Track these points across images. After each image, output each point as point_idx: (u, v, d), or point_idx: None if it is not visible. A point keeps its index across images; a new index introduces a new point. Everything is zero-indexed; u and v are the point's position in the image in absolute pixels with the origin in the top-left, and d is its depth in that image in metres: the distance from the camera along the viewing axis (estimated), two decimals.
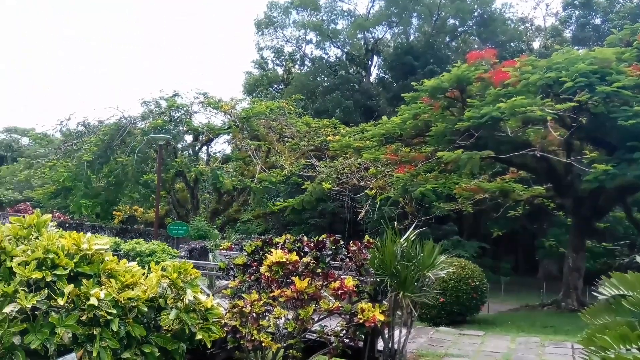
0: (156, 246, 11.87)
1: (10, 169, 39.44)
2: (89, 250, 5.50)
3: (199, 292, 5.77)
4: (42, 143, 32.74)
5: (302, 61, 47.51)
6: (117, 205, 29.51)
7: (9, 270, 5.11)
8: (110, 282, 5.36)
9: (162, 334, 5.45)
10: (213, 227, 23.94)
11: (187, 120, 27.56)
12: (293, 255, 6.05)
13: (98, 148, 25.17)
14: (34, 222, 5.86)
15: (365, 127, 23.34)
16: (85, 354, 4.87)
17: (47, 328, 4.81)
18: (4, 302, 4.85)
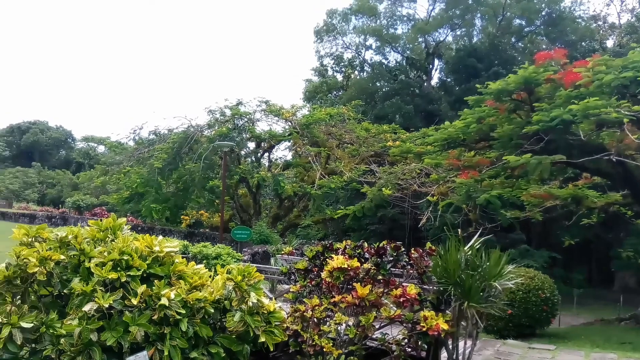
0: (221, 250, 12.26)
1: (87, 176, 42.29)
2: (160, 252, 5.78)
3: (262, 295, 5.90)
4: (116, 151, 34.92)
5: (362, 67, 47.51)
6: (185, 209, 30.81)
7: (88, 270, 5.47)
8: (179, 283, 5.60)
9: (227, 335, 5.61)
10: (274, 232, 24.41)
11: (250, 127, 28.34)
12: (354, 261, 6.05)
13: (168, 155, 26.44)
14: (110, 226, 6.25)
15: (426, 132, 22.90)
16: (156, 352, 5.11)
17: (121, 326, 5.10)
18: (83, 300, 5.19)
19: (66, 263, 5.61)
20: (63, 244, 5.80)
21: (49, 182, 67.47)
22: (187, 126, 28.27)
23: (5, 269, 5.51)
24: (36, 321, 5.19)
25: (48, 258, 5.47)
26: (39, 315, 5.31)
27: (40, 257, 5.45)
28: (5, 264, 5.59)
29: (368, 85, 41.58)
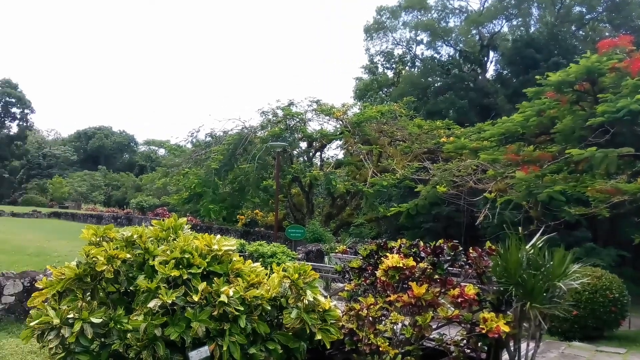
0: (277, 248, 12.45)
1: (150, 177, 44.14)
2: (218, 250, 5.95)
3: (318, 293, 5.94)
4: (175, 153, 36.29)
5: (413, 63, 46.71)
6: (240, 209, 31.53)
7: (152, 268, 5.72)
8: (237, 280, 5.74)
9: (284, 332, 5.70)
10: (327, 231, 24.48)
11: (302, 127, 28.58)
12: (410, 260, 5.97)
13: (223, 157, 27.17)
14: (172, 225, 6.50)
15: (482, 127, 22.24)
16: (216, 347, 5.27)
17: (183, 322, 5.29)
18: (148, 297, 5.43)
19: (132, 261, 5.90)
20: (128, 243, 6.10)
21: (114, 185, 71.11)
22: (241, 128, 28.93)
23: (76, 267, 5.86)
24: (105, 317, 5.49)
25: (115, 257, 5.77)
26: (108, 311, 5.62)
27: (108, 255, 5.76)
28: (76, 262, 5.96)
29: (420, 81, 40.80)
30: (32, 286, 8.01)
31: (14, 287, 8.35)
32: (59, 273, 5.87)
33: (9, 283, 8.32)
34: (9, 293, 8.29)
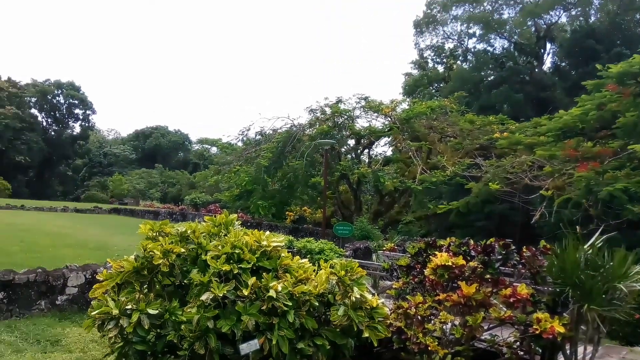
0: (324, 245, 12.51)
1: (203, 175, 45.46)
2: (267, 246, 6.07)
3: (365, 290, 5.94)
4: (227, 151, 37.25)
5: (465, 56, 45.54)
6: (289, 206, 31.91)
7: (204, 262, 5.91)
8: (286, 276, 5.83)
9: (332, 329, 5.74)
10: (375, 228, 24.33)
11: (350, 124, 28.55)
12: (459, 258, 5.85)
13: (273, 154, 27.59)
14: (223, 221, 6.69)
15: (538, 122, 21.39)
16: (266, 341, 5.39)
17: (234, 315, 5.44)
18: (201, 290, 5.62)
19: (186, 255, 6.12)
20: (183, 238, 6.33)
21: (169, 182, 73.78)
22: (290, 126, 29.27)
23: (134, 260, 6.15)
24: (161, 308, 5.73)
25: (170, 251, 6.01)
26: (163, 303, 5.86)
27: (164, 250, 6.01)
28: (134, 255, 6.25)
29: (472, 75, 39.71)
30: (93, 278, 8.46)
31: (77, 279, 8.86)
32: (118, 266, 6.18)
33: (72, 275, 8.84)
34: (73, 285, 8.81)
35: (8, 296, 7.93)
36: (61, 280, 8.66)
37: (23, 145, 69.92)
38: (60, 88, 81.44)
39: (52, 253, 13.62)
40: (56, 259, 12.10)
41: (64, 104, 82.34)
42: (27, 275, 8.29)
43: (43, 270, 8.68)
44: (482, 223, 28.62)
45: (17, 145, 69.17)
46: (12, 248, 13.82)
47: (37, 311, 8.23)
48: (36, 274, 8.42)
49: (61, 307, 8.55)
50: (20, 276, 8.18)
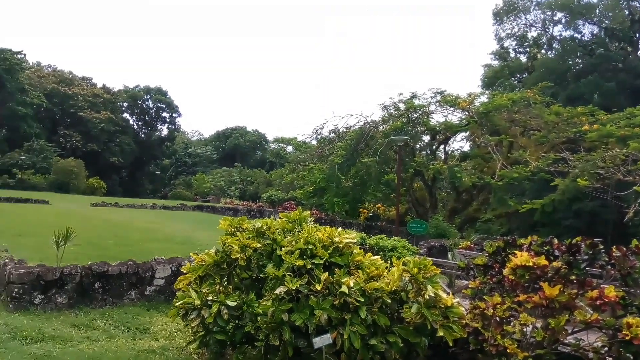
0: (397, 242, 12.37)
1: (279, 173, 46.64)
2: (340, 243, 6.13)
3: (439, 289, 5.81)
4: (302, 150, 37.93)
5: (550, 45, 42.82)
6: (362, 203, 31.89)
7: (279, 257, 6.09)
8: (358, 272, 5.86)
9: (405, 326, 5.67)
10: (451, 226, 23.64)
11: (425, 120, 27.93)
12: (541, 258, 5.53)
13: (346, 152, 27.70)
14: (297, 218, 6.85)
15: (632, 112, 19.70)
16: (338, 335, 5.45)
17: (307, 309, 5.55)
18: (276, 284, 5.80)
19: (262, 250, 6.34)
20: (259, 233, 6.57)
21: (248, 180, 76.49)
22: (363, 123, 29.21)
23: (215, 254, 6.47)
24: (239, 300, 5.99)
25: (247, 246, 6.26)
26: (241, 295, 6.12)
27: (241, 244, 6.27)
28: (214, 249, 6.58)
29: (557, 65, 37.25)
30: (178, 270, 8.99)
31: (163, 271, 9.46)
32: (200, 260, 6.54)
33: (159, 268, 9.45)
34: (160, 276, 9.42)
35: (102, 286, 8.65)
36: (150, 272, 9.29)
37: (116, 147, 75.72)
38: (149, 93, 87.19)
39: (141, 247, 14.66)
40: (145, 252, 13.02)
41: (152, 108, 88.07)
42: (119, 267, 8.99)
43: (134, 262, 9.36)
44: (570, 221, 26.81)
45: (111, 147, 75.04)
46: (107, 242, 15.04)
47: (127, 300, 8.90)
48: (127, 266, 9.11)
49: (149, 297, 9.18)
50: (114, 268, 8.88)
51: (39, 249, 11.92)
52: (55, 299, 8.06)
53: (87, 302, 8.38)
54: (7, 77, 62.73)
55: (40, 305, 7.86)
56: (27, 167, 58.94)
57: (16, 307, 7.62)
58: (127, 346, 6.70)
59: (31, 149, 62.21)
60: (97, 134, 72.94)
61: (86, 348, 6.38)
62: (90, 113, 73.04)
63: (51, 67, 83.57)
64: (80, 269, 8.47)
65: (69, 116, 73.92)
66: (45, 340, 6.42)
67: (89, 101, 74.65)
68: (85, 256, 11.16)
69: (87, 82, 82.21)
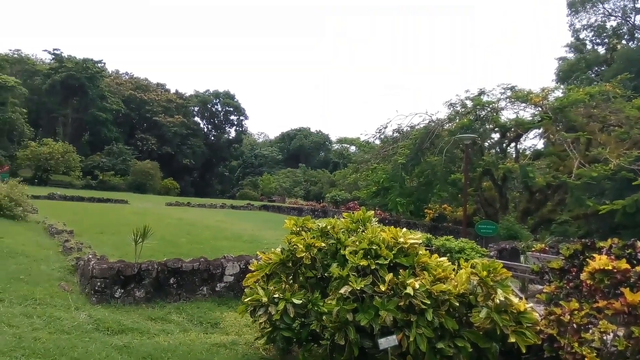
0: (465, 244, 12.02)
1: (342, 173, 46.81)
2: (404, 243, 6.05)
3: (511, 293, 5.58)
4: (365, 150, 37.80)
5: (631, 34, 39.85)
6: (427, 203, 31.27)
7: (343, 257, 6.11)
8: (423, 274, 5.75)
9: (474, 331, 5.50)
10: (524, 228, 22.59)
11: (494, 117, 26.92)
12: (622, 262, 5.18)
13: (410, 151, 27.28)
14: (361, 218, 6.85)
15: None
16: (404, 337, 5.38)
17: (372, 310, 5.53)
18: (340, 283, 5.82)
19: (326, 250, 6.40)
20: (323, 233, 6.63)
21: (311, 180, 77.37)
22: (428, 121, 28.63)
23: (280, 253, 6.61)
24: (304, 299, 6.08)
25: (312, 245, 6.35)
26: (306, 294, 6.21)
27: (306, 244, 6.37)
28: (280, 248, 6.73)
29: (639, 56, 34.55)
30: (246, 268, 9.25)
31: (233, 269, 9.79)
32: (266, 258, 6.71)
33: (229, 265, 9.79)
34: (229, 273, 9.75)
35: (177, 282, 9.10)
36: (220, 269, 9.65)
37: (188, 150, 79.27)
38: (218, 97, 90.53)
39: (212, 244, 15.24)
40: (215, 249, 13.54)
41: (221, 112, 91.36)
42: (192, 263, 9.42)
43: (205, 259, 9.76)
44: None
45: (183, 149, 78.68)
46: (180, 240, 15.78)
47: (200, 296, 9.30)
48: (199, 262, 9.51)
49: (219, 293, 9.53)
50: (187, 264, 9.32)
51: (118, 246, 12.74)
52: (134, 293, 8.58)
53: (163, 297, 8.85)
54: (89, 85, 67.54)
55: (120, 299, 8.39)
56: (108, 169, 63.16)
57: (99, 300, 8.19)
58: (199, 340, 7.01)
59: (111, 152, 66.62)
60: (171, 137, 76.73)
61: (162, 340, 6.74)
62: (165, 117, 76.99)
63: (128, 75, 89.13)
64: (157, 264, 8.95)
65: (145, 121, 78.36)
66: (125, 332, 6.84)
67: (163, 106, 78.74)
68: (160, 253, 11.78)
69: (162, 88, 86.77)
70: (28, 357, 5.20)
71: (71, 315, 7.09)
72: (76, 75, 65.48)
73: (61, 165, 53.73)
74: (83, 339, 6.15)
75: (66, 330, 6.40)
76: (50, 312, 7.06)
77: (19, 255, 10.64)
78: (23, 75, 65.70)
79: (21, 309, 7.03)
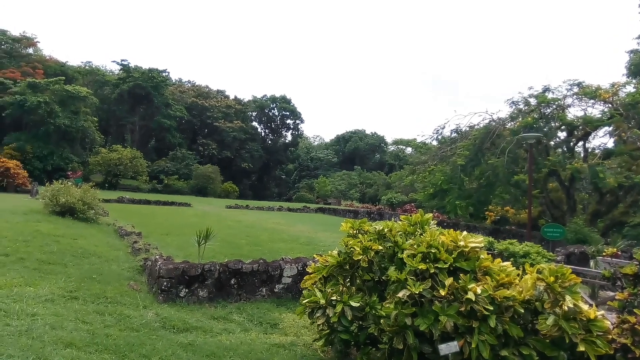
0: (530, 248, 11.54)
1: (398, 175, 46.31)
2: (465, 247, 5.89)
3: (580, 300, 5.30)
4: (422, 151, 37.25)
5: None
6: (488, 205, 30.28)
7: (401, 260, 6.04)
8: (485, 279, 5.58)
9: (540, 338, 5.27)
10: (593, 231, 21.35)
11: (560, 114, 25.69)
12: None
13: (469, 152, 26.55)
14: (419, 220, 6.74)
15: None
16: (465, 344, 5.24)
17: (431, 314, 5.42)
18: (398, 287, 5.75)
19: (383, 253, 6.35)
20: (380, 236, 6.59)
21: (367, 182, 77.09)
22: (489, 121, 27.77)
23: (337, 255, 6.64)
24: (362, 302, 6.07)
25: (369, 248, 6.33)
26: (364, 297, 6.19)
27: (363, 246, 6.35)
28: (336, 251, 6.76)
29: None
30: (304, 270, 9.38)
31: (290, 270, 9.94)
32: (324, 260, 6.76)
33: (287, 267, 9.95)
34: (287, 275, 9.91)
35: (237, 282, 9.35)
36: (278, 271, 9.82)
37: (247, 154, 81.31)
38: (274, 102, 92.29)
39: (270, 246, 15.55)
40: (273, 251, 13.80)
41: (278, 116, 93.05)
42: (251, 265, 9.65)
43: (264, 261, 9.98)
44: None
45: (242, 153, 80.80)
46: (240, 241, 16.22)
47: (259, 297, 9.51)
48: (259, 264, 9.73)
49: (278, 294, 9.70)
50: (247, 265, 9.56)
51: (182, 247, 13.28)
52: (197, 293, 8.91)
53: (224, 297, 9.13)
54: (155, 93, 70.93)
55: (184, 298, 8.74)
56: (172, 173, 65.98)
57: (165, 299, 8.57)
58: (259, 340, 7.17)
59: (175, 157, 69.58)
60: (230, 142, 79.02)
61: (224, 339, 6.95)
62: (224, 123, 79.43)
63: (190, 83, 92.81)
64: (218, 265, 9.25)
65: (206, 126, 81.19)
66: (190, 330, 7.12)
67: (223, 112, 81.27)
68: (221, 254, 12.16)
69: (221, 94, 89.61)
70: (101, 353, 5.51)
71: (139, 314, 7.46)
72: (142, 84, 69.00)
73: (129, 170, 56.73)
74: (150, 337, 6.45)
75: (135, 328, 6.74)
76: (120, 310, 7.47)
77: (92, 255, 11.34)
78: (94, 86, 70.09)
79: (94, 306, 7.48)
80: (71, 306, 7.29)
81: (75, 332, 6.02)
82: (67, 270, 9.53)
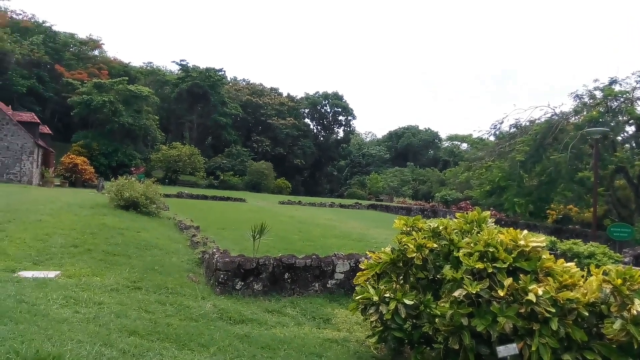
0: (595, 248, 10.96)
1: (453, 172, 45.23)
2: (525, 246, 5.66)
3: None
4: (478, 147, 36.21)
5: None
6: (549, 203, 28.97)
7: (457, 259, 5.90)
8: (547, 280, 5.35)
9: (605, 343, 5.00)
10: None
11: (628, 108, 24.16)
12: None
13: (530, 147, 25.53)
14: (475, 218, 6.55)
15: None
16: (525, 346, 5.05)
17: (489, 315, 5.26)
18: (454, 286, 5.63)
19: (438, 251, 6.23)
20: (435, 233, 6.47)
21: (420, 179, 75.82)
22: (551, 115, 26.60)
23: (391, 252, 6.58)
24: (416, 300, 5.98)
25: (423, 245, 6.23)
26: (418, 295, 6.10)
27: (417, 244, 6.26)
28: (390, 248, 6.70)
29: None
30: (356, 266, 9.38)
31: (343, 266, 9.96)
32: (376, 257, 6.72)
33: (339, 263, 9.98)
34: (340, 271, 9.94)
35: (291, 277, 9.49)
36: (331, 267, 9.88)
37: (299, 150, 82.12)
38: (326, 99, 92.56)
39: (322, 242, 15.65)
40: (325, 247, 13.89)
41: (330, 112, 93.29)
42: (304, 260, 9.76)
43: (317, 256, 10.06)
44: None
45: (295, 150, 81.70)
46: (293, 236, 16.43)
47: (312, 292, 9.60)
48: (311, 259, 9.83)
49: (330, 289, 9.76)
50: (300, 260, 9.68)
51: (238, 241, 13.63)
52: (252, 286, 9.12)
53: (278, 290, 9.29)
54: (212, 92, 73.09)
55: (240, 291, 8.98)
56: (228, 170, 67.80)
57: (222, 291, 8.83)
58: (312, 334, 7.25)
59: (230, 154, 71.45)
60: (283, 138, 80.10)
61: (278, 332, 7.09)
62: (278, 120, 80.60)
63: (245, 81, 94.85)
64: (273, 260, 9.43)
65: (260, 124, 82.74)
66: (245, 322, 7.31)
67: (276, 109, 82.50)
68: (275, 249, 12.38)
69: (275, 92, 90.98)
70: (162, 341, 5.75)
71: (198, 304, 7.74)
72: (200, 83, 71.30)
73: (188, 167, 58.85)
74: (209, 327, 6.68)
75: (194, 318, 7.00)
76: (180, 300, 7.78)
77: (154, 248, 11.86)
78: (155, 85, 73.20)
79: (156, 296, 7.83)
80: (134, 296, 7.66)
81: (138, 320, 6.32)
82: (130, 262, 10.02)
